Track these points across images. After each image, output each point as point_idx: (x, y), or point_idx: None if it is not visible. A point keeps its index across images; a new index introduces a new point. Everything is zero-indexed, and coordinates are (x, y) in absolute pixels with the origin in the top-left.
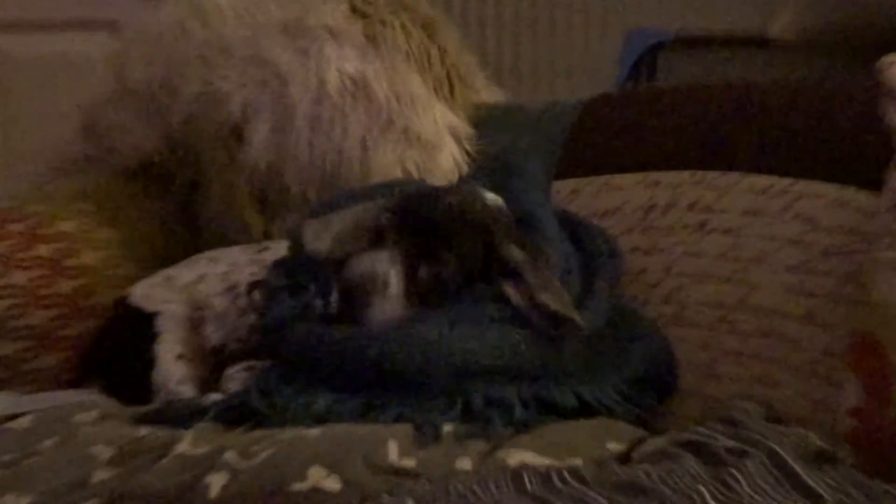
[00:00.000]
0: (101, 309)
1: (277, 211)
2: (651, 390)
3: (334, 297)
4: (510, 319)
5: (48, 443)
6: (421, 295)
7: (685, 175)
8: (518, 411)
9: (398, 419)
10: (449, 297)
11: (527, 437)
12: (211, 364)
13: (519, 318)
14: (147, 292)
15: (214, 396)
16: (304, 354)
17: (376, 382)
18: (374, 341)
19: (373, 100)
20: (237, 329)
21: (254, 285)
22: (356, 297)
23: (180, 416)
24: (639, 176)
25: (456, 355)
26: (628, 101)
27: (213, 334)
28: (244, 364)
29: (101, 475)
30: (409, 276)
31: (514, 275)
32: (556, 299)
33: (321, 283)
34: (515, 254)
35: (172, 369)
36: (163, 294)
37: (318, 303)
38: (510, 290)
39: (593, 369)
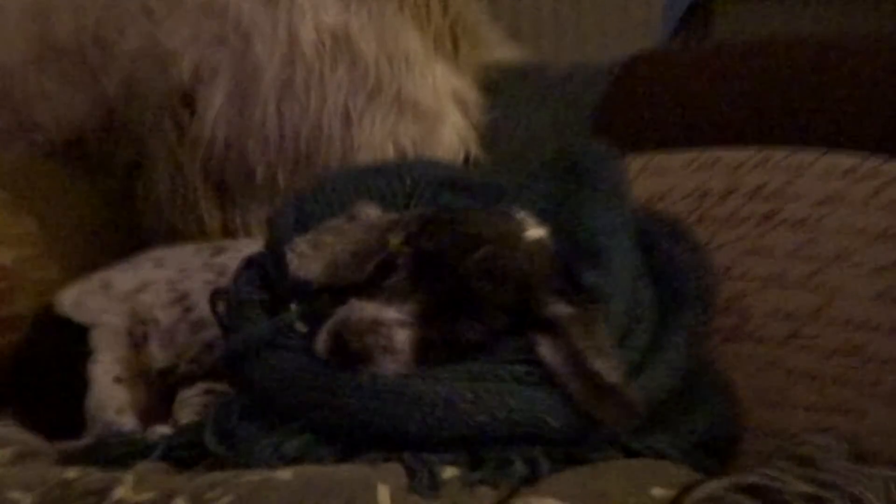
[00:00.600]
0: (18, 320)
1: (238, 199)
2: (712, 457)
3: (324, 331)
4: (541, 384)
5: None
6: (434, 355)
7: (747, 154)
8: (543, 463)
9: (387, 460)
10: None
11: (550, 481)
12: (156, 390)
13: (552, 382)
14: (79, 300)
15: (161, 430)
16: (277, 391)
17: (363, 437)
18: (372, 395)
19: (357, 60)
20: (189, 348)
21: (217, 294)
22: (351, 345)
23: (119, 455)
24: (690, 155)
25: (468, 421)
26: (675, 62)
27: (160, 354)
28: (201, 387)
29: None
30: (422, 337)
31: (555, 333)
32: (610, 368)
33: (306, 304)
34: (559, 310)
35: (110, 394)
36: (99, 303)
37: (299, 326)
38: (547, 352)
39: (645, 436)
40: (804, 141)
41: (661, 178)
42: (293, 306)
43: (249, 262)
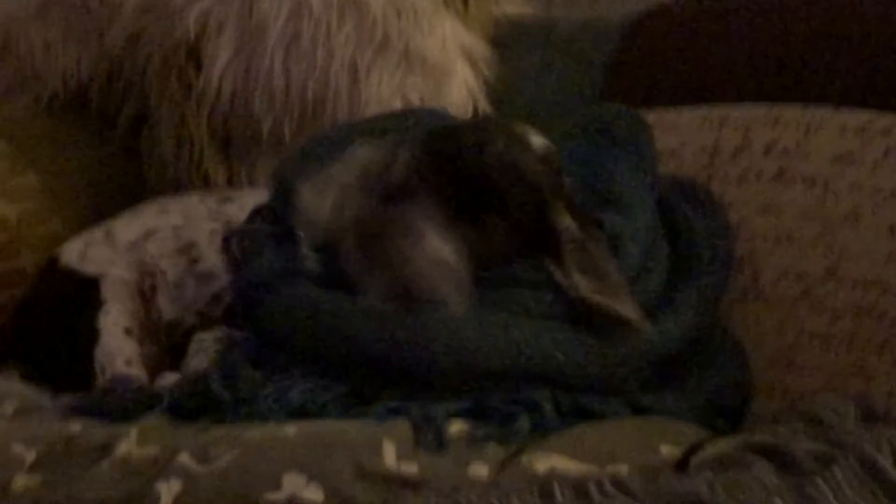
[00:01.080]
0: (20, 274)
1: (244, 154)
2: (722, 417)
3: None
4: (551, 314)
5: None
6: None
7: (759, 110)
8: (549, 413)
9: (392, 413)
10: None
11: (558, 437)
12: (164, 343)
13: (564, 312)
14: (84, 252)
15: (170, 377)
16: (288, 326)
17: (370, 373)
18: (379, 323)
19: (365, 13)
20: (196, 299)
21: (229, 238)
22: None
23: (123, 407)
24: (700, 111)
25: (473, 352)
26: (687, 18)
27: (168, 306)
28: (218, 332)
29: (22, 483)
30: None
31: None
32: (603, 287)
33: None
34: (566, 222)
35: (120, 346)
36: (104, 254)
37: (313, 258)
38: (555, 269)
39: (654, 391)
40: (816, 98)
41: (671, 135)
42: (301, 235)
43: (258, 211)
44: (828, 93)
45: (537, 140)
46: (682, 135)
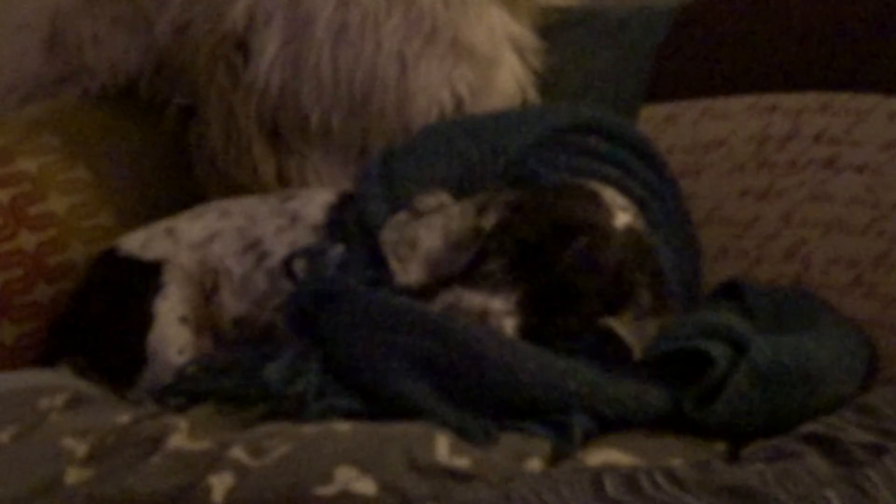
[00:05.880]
0: (72, 268)
1: (293, 146)
2: None
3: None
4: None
5: (6, 434)
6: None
7: (809, 98)
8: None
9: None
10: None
11: (614, 436)
12: (229, 338)
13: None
14: (145, 243)
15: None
16: (366, 326)
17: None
18: (491, 341)
19: (413, 4)
20: (270, 296)
21: (293, 256)
22: None
23: (181, 394)
24: (750, 99)
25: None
26: (736, 5)
27: (233, 302)
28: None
29: (74, 476)
30: (524, 325)
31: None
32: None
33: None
34: (642, 298)
35: (175, 333)
36: (166, 245)
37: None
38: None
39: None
40: (866, 85)
41: (721, 122)
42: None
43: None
44: (878, 80)
45: (621, 219)
46: (732, 122)
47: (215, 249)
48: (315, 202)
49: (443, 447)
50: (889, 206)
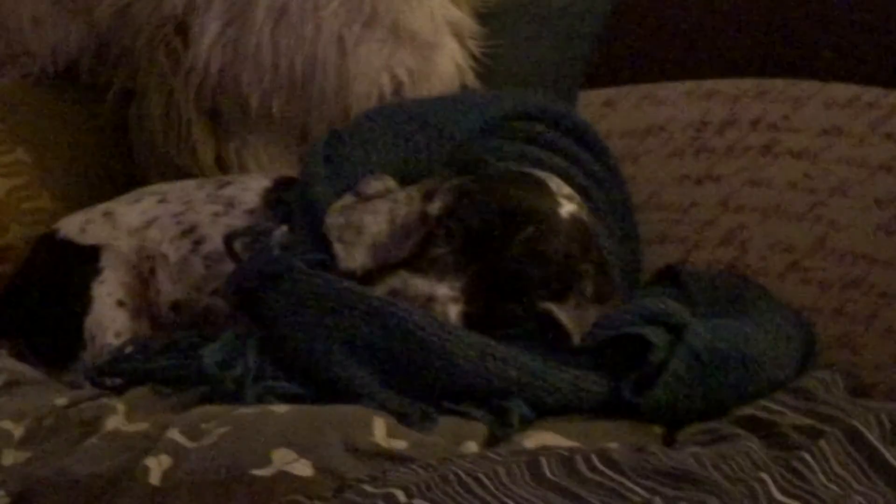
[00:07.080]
0: (11, 251)
1: (233, 129)
2: None
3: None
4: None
5: None
6: (477, 328)
7: (747, 84)
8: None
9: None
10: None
11: (550, 420)
12: (168, 323)
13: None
14: (83, 227)
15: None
16: (309, 308)
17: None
18: (432, 328)
19: None
20: (207, 281)
21: (234, 235)
22: None
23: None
24: (689, 85)
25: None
26: None
27: (169, 287)
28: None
29: (11, 457)
30: (468, 312)
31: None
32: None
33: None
34: (588, 289)
35: (111, 317)
36: (105, 230)
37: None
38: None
39: None
40: (803, 73)
41: (660, 108)
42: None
43: (269, 202)
44: (815, 67)
45: (567, 207)
46: (671, 108)
47: (153, 235)
48: (251, 188)
49: (380, 430)
50: (826, 192)
